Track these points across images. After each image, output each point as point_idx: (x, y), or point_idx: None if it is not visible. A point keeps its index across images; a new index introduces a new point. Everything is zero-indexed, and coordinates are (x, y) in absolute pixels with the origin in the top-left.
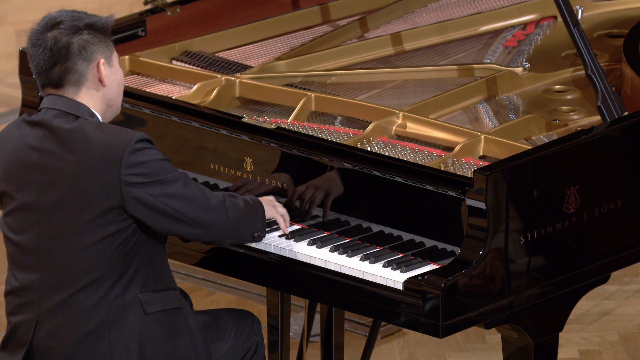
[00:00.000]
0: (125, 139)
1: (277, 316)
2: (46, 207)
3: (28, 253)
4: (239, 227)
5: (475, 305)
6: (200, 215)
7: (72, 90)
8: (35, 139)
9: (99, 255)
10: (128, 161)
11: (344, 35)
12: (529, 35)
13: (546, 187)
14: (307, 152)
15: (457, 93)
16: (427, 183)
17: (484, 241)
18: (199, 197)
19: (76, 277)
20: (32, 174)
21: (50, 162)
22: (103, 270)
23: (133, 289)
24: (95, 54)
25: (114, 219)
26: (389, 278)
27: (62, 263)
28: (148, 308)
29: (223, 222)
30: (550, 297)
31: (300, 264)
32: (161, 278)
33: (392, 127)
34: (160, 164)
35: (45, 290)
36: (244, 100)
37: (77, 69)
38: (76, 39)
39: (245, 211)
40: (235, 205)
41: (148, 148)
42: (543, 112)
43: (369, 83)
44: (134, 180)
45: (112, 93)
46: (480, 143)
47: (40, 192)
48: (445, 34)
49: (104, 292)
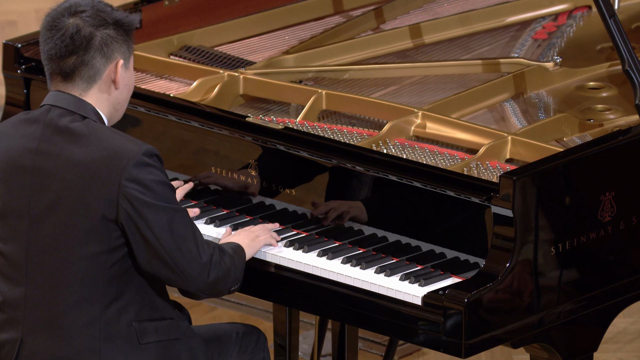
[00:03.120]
0: (133, 149)
1: (285, 334)
2: (37, 214)
3: (15, 265)
4: (217, 287)
5: (501, 323)
6: (183, 262)
7: (82, 87)
8: (32, 139)
9: (91, 271)
10: (130, 173)
11: (358, 27)
12: (561, 26)
13: (579, 193)
14: (317, 155)
15: (481, 90)
16: (448, 188)
17: (511, 252)
18: (189, 242)
19: (65, 293)
20: (24, 178)
21: (46, 163)
22: (95, 289)
23: (128, 315)
24: (115, 53)
25: (109, 234)
26: (406, 292)
27: (52, 276)
28: (143, 338)
29: (203, 279)
30: (583, 314)
31: (309, 277)
32: (158, 307)
33: (410, 128)
34: (163, 188)
35: (30, 307)
36: (248, 98)
37: (94, 64)
38: (100, 32)
39: (229, 269)
40: (221, 262)
41: (154, 166)
42: (576, 111)
43: (385, 79)
44: (132, 193)
45: (122, 97)
46: (507, 145)
47: (32, 197)
48: (469, 25)
49: (96, 314)
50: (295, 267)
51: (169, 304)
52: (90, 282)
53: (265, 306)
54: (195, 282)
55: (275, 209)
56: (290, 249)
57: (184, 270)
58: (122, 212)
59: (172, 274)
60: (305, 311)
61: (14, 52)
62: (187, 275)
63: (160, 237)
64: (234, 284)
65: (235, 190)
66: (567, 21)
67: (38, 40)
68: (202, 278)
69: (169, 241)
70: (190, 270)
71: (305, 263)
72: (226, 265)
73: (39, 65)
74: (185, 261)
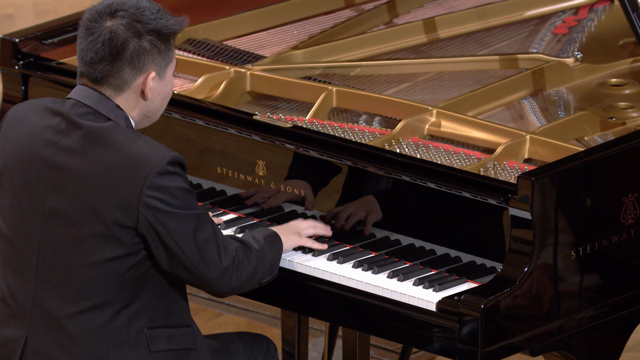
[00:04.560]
0: (157, 157)
1: (293, 341)
2: (51, 212)
3: (25, 258)
4: (242, 288)
5: (519, 330)
6: (203, 267)
7: (110, 93)
8: (55, 132)
9: (104, 277)
10: (153, 182)
11: (369, 21)
12: (582, 20)
13: (601, 194)
14: (328, 155)
15: (498, 87)
16: (464, 190)
17: (529, 256)
18: (211, 247)
19: (76, 297)
20: (43, 170)
21: (66, 161)
22: (108, 294)
23: (140, 321)
24: (147, 66)
25: (125, 240)
26: (420, 298)
27: (62, 277)
28: (154, 345)
29: (225, 284)
30: (605, 321)
31: (319, 282)
32: (174, 313)
33: (424, 126)
34: (185, 195)
35: (39, 303)
36: (255, 95)
37: (122, 75)
38: (134, 42)
39: (255, 269)
40: (244, 264)
41: (178, 174)
42: (597, 108)
43: (398, 76)
44: (153, 204)
45: (153, 106)
46: (525, 144)
47: (48, 193)
48: (486, 19)
49: (106, 319)
50: (305, 271)
51: (187, 311)
52: (103, 288)
53: (273, 312)
54: (217, 286)
55: (283, 211)
56: (299, 253)
57: (205, 276)
58: (143, 220)
59: (193, 277)
60: (314, 317)
61: (12, 47)
62: (208, 280)
63: (182, 244)
64: (264, 278)
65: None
66: (589, 15)
67: (36, 35)
68: (224, 283)
69: (190, 247)
70: (212, 276)
71: (315, 267)
72: (251, 266)
73: (38, 61)
74: (206, 267)
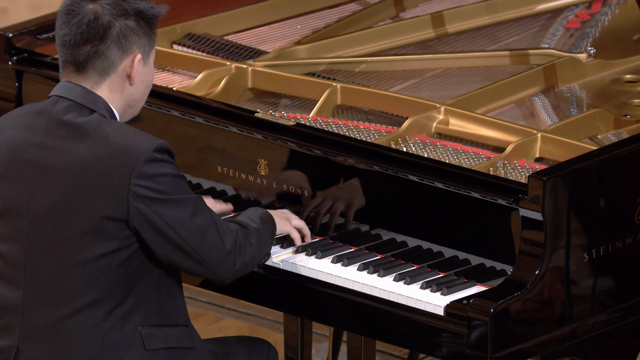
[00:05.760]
0: (144, 145)
1: (296, 347)
2: (38, 213)
3: (13, 266)
4: (244, 270)
5: (530, 335)
6: (206, 252)
7: (95, 79)
8: (36, 132)
9: (96, 274)
10: (141, 171)
11: (375, 15)
12: (595, 15)
13: (614, 194)
14: (332, 153)
15: (509, 84)
16: (473, 190)
17: (540, 258)
18: (211, 230)
19: (66, 298)
20: (27, 174)
21: (51, 159)
22: (99, 292)
23: (134, 320)
24: (133, 46)
25: (116, 234)
26: (427, 302)
27: (52, 280)
28: (149, 344)
29: (229, 268)
30: (619, 325)
31: (323, 285)
32: (169, 311)
33: (432, 124)
34: (176, 181)
35: (28, 312)
36: (257, 92)
37: (109, 55)
38: (119, 22)
39: (256, 246)
40: (246, 245)
41: (166, 161)
42: (611, 106)
43: (404, 72)
44: (143, 193)
45: (137, 94)
46: (536, 143)
47: (33, 194)
48: (496, 13)
49: (99, 320)
50: (308, 274)
51: (184, 310)
52: (95, 286)
53: (275, 316)
54: (221, 271)
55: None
56: (302, 255)
57: (210, 261)
58: (134, 211)
59: (196, 264)
60: (318, 322)
61: (5, 42)
62: (212, 265)
63: (180, 231)
64: (262, 259)
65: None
66: (602, 9)
67: (31, 30)
68: (229, 266)
69: (190, 233)
70: (216, 260)
71: (319, 270)
72: (252, 248)
73: (32, 57)
74: (210, 251)
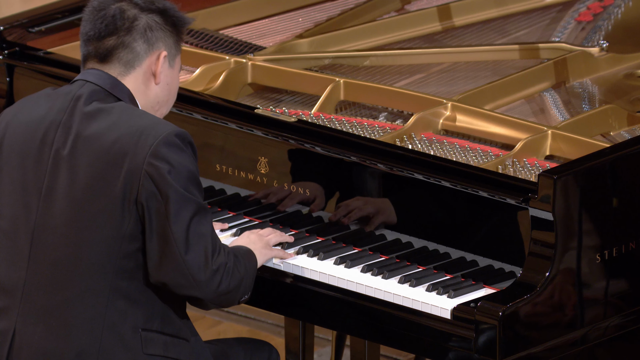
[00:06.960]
0: (165, 128)
1: (298, 351)
2: (51, 191)
3: (18, 246)
4: (227, 297)
5: (540, 339)
6: (194, 267)
7: (119, 71)
8: (58, 112)
9: (102, 258)
10: (157, 150)
11: (380, 8)
12: (608, 7)
13: (627, 193)
14: (334, 151)
15: (518, 79)
16: (481, 189)
17: (551, 260)
18: (204, 242)
19: (70, 281)
20: (44, 152)
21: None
22: (104, 279)
23: (135, 318)
24: (159, 42)
25: (125, 216)
26: (434, 305)
27: (56, 261)
28: (148, 348)
29: (212, 288)
30: (632, 330)
31: (325, 287)
32: (172, 321)
33: (438, 121)
34: (191, 177)
35: (28, 294)
36: (257, 87)
37: (134, 47)
38: (146, 16)
39: (242, 279)
40: (233, 273)
41: (184, 151)
42: (624, 102)
43: (410, 66)
44: (157, 173)
45: (161, 95)
46: (546, 140)
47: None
48: (504, 5)
49: (100, 310)
50: (310, 276)
51: (186, 323)
52: (99, 270)
53: (276, 320)
54: (203, 289)
55: (287, 212)
56: (304, 256)
57: (193, 275)
58: (144, 191)
59: (181, 277)
60: (320, 325)
61: None
62: (196, 280)
63: (176, 231)
64: (244, 295)
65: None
66: (615, 1)
67: (22, 23)
68: (212, 286)
69: (183, 238)
70: (200, 275)
71: (321, 272)
72: (240, 275)
73: (24, 51)
74: (195, 264)
